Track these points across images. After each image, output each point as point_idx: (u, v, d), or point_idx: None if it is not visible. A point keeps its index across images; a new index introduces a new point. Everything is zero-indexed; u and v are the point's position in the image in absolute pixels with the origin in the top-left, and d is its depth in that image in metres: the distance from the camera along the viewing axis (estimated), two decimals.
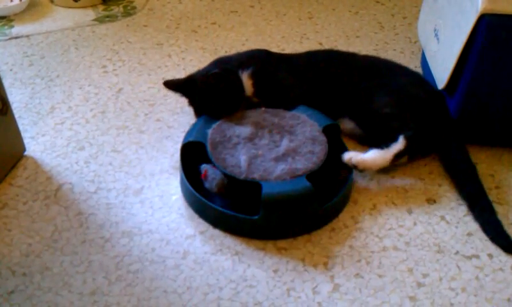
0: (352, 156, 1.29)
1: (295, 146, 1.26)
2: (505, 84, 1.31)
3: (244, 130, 1.29)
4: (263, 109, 1.36)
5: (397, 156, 1.30)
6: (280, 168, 1.20)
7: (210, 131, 1.29)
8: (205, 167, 1.24)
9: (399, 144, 1.30)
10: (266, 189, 1.16)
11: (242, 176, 1.19)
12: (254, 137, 1.28)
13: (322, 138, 1.28)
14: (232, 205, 1.20)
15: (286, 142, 1.27)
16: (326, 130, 1.31)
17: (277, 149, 1.26)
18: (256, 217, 1.16)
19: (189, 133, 1.32)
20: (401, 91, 1.42)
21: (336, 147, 1.32)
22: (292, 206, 1.17)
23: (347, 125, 1.43)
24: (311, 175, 1.20)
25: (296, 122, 1.32)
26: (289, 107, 1.39)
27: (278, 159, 1.23)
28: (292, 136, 1.29)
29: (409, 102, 1.39)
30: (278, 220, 1.18)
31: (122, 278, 1.09)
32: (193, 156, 1.29)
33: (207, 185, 1.23)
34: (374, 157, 1.29)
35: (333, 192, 1.23)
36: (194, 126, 1.34)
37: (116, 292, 1.06)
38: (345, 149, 1.34)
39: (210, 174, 1.22)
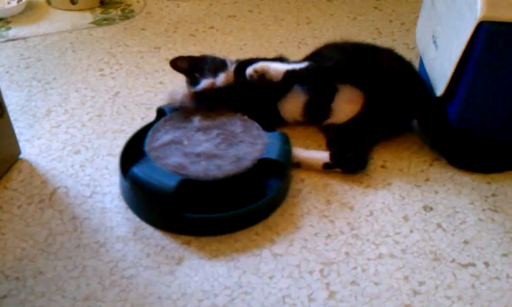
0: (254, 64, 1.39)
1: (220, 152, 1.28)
2: (503, 91, 1.31)
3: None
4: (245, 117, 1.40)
5: (292, 76, 1.38)
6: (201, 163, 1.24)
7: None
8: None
9: (298, 65, 1.39)
10: (136, 170, 1.20)
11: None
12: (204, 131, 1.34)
13: (251, 160, 1.26)
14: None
15: (218, 144, 1.30)
16: (264, 163, 1.28)
17: (207, 145, 1.29)
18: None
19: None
20: (367, 56, 1.47)
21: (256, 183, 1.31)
22: (148, 196, 1.20)
23: None
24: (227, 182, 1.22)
25: (248, 139, 1.32)
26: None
27: (200, 155, 1.26)
28: (231, 146, 1.30)
29: (370, 68, 1.42)
30: (137, 202, 1.23)
31: (116, 283, 1.08)
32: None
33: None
34: (271, 63, 1.40)
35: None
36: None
37: (110, 298, 1.05)
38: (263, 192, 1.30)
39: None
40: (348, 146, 1.36)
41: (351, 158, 1.35)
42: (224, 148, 1.29)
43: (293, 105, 1.47)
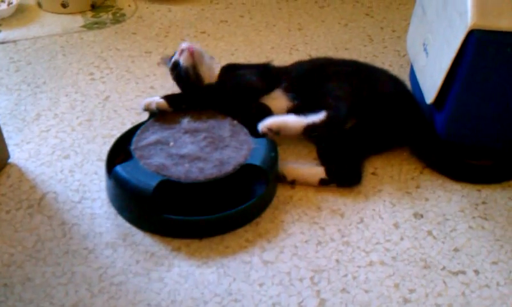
0: (266, 120, 1.35)
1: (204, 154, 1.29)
2: (493, 99, 1.32)
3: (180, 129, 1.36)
4: (235, 121, 1.39)
5: (312, 130, 1.34)
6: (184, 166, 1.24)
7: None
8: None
9: (317, 117, 1.33)
10: (119, 168, 1.22)
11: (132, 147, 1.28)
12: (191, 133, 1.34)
13: (233, 165, 1.26)
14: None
15: (203, 148, 1.30)
16: (251, 169, 1.28)
17: (192, 147, 1.29)
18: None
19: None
20: (366, 83, 1.45)
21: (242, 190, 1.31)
22: (129, 193, 1.20)
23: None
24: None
25: (234, 144, 1.32)
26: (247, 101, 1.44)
27: (184, 157, 1.26)
28: (217, 150, 1.30)
29: (368, 96, 1.41)
30: (120, 201, 1.25)
31: (105, 290, 1.07)
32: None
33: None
34: (287, 118, 1.35)
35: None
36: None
37: (99, 305, 1.05)
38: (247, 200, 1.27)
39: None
40: (342, 160, 1.35)
41: (346, 173, 1.34)
42: (208, 152, 1.29)
43: (275, 107, 1.46)
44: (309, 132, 1.34)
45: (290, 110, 1.44)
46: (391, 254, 1.18)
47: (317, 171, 1.34)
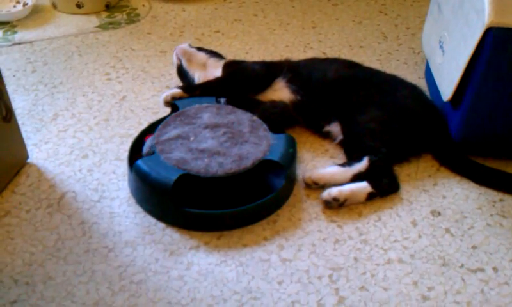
0: (311, 174, 1.33)
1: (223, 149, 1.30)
2: (510, 97, 1.31)
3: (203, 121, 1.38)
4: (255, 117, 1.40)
5: (358, 177, 1.31)
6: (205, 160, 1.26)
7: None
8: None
9: (361, 165, 1.32)
10: (140, 162, 1.24)
11: (144, 152, 1.31)
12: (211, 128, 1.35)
13: (252, 160, 1.27)
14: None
15: (224, 142, 1.31)
16: (271, 164, 1.29)
17: (212, 142, 1.30)
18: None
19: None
20: (396, 106, 1.43)
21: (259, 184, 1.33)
22: (149, 186, 1.22)
23: (334, 128, 1.46)
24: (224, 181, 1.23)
25: (253, 139, 1.33)
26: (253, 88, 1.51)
27: (204, 151, 1.27)
28: (236, 145, 1.31)
29: (400, 119, 1.41)
30: (141, 194, 1.27)
31: (126, 289, 1.08)
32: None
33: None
34: (333, 172, 1.32)
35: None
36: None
37: (120, 303, 1.06)
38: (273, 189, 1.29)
39: (147, 142, 1.35)
40: (383, 172, 1.34)
41: (387, 184, 1.33)
42: (228, 147, 1.29)
43: (278, 100, 1.50)
44: (356, 179, 1.32)
45: (296, 104, 1.48)
46: (409, 252, 1.18)
47: (363, 187, 1.30)
